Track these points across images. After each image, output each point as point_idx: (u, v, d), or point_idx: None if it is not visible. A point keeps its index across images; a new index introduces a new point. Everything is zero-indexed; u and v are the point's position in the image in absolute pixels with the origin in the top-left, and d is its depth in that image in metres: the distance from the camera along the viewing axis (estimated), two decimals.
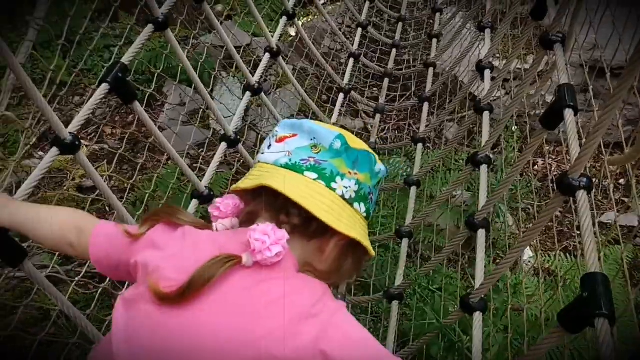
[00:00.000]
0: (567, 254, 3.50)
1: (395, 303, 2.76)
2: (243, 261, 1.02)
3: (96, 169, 1.89)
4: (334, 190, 1.11)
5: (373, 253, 1.17)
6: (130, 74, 2.02)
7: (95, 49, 4.91)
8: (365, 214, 1.17)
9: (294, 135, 1.15)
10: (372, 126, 4.14)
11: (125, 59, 2.01)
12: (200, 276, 0.99)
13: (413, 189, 3.27)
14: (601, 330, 1.12)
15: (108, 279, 2.25)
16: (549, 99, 3.25)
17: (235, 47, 2.91)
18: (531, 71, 2.17)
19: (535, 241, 3.32)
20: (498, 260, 3.26)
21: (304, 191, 1.07)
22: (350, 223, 1.10)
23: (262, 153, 1.17)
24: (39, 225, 1.27)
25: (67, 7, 2.18)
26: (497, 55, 4.08)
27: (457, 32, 4.05)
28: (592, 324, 1.16)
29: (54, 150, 1.70)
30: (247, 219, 1.16)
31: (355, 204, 1.14)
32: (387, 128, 4.48)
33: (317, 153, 1.12)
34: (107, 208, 3.37)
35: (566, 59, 1.89)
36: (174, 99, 4.58)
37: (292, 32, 5.27)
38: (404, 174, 3.68)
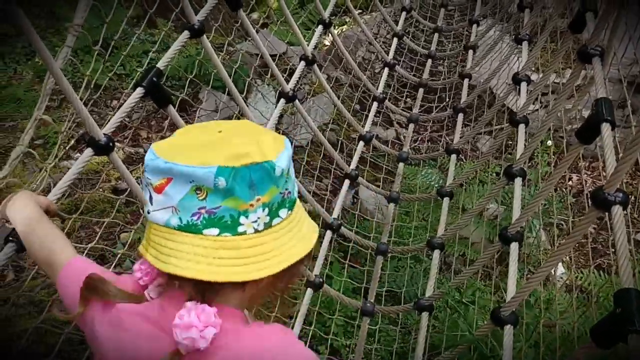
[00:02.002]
0: (601, 271, 3.43)
1: (425, 314, 2.75)
2: (182, 352, 0.97)
3: (132, 172, 1.93)
4: (243, 233, 0.97)
5: (312, 239, 1.05)
6: (166, 79, 2.06)
7: (134, 54, 5.01)
8: (289, 212, 1.04)
9: (169, 180, 0.96)
10: (404, 136, 4.13)
11: (160, 64, 2.05)
12: None
13: (446, 201, 3.26)
14: (634, 346, 1.10)
15: None
16: (586, 113, 3.20)
17: (271, 55, 2.94)
18: (568, 85, 2.14)
19: (568, 257, 3.27)
20: (529, 276, 3.22)
21: (211, 258, 0.96)
22: (277, 251, 0.99)
23: (148, 211, 1.01)
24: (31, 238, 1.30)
25: (105, 13, 2.23)
26: (534, 69, 4.03)
27: (493, 44, 4.03)
28: (624, 339, 1.14)
29: (89, 151, 1.74)
30: (171, 283, 1.04)
31: (275, 220, 1.00)
32: (420, 138, 4.46)
33: (204, 199, 0.95)
34: (141, 210, 3.42)
35: (604, 73, 1.87)
36: (209, 105, 4.63)
37: (327, 41, 5.29)
38: (437, 185, 3.65)
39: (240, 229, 0.96)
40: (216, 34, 4.32)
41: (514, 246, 2.23)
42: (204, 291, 0.98)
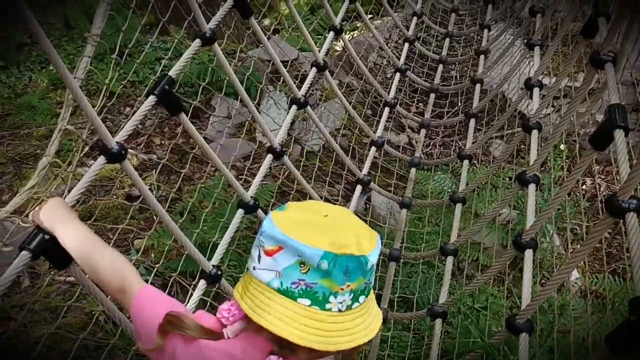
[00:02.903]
0: (616, 277, 3.40)
1: (438, 321, 2.74)
2: None
3: (145, 178, 1.94)
4: (329, 310, 1.13)
5: (376, 331, 1.20)
6: (179, 86, 2.07)
7: (147, 61, 5.04)
8: (365, 299, 1.19)
9: (280, 248, 1.13)
10: (416, 141, 4.12)
11: (172, 72, 2.06)
12: None
13: (458, 206, 3.25)
14: None
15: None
16: (599, 117, 3.18)
17: (282, 62, 2.95)
18: (581, 90, 2.13)
19: (583, 262, 3.25)
20: (544, 281, 3.20)
21: (299, 323, 1.11)
22: (350, 331, 1.14)
23: (254, 267, 1.18)
24: (97, 264, 1.38)
25: (120, 21, 2.25)
26: (547, 73, 4.01)
27: (505, 49, 4.01)
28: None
29: (101, 159, 1.76)
30: (253, 328, 1.20)
31: (355, 304, 1.16)
32: (432, 144, 4.45)
33: (305, 273, 1.12)
34: (155, 217, 3.44)
35: (617, 78, 1.86)
36: (221, 111, 4.65)
37: (338, 46, 5.30)
38: (449, 190, 3.64)
39: (327, 305, 1.12)
40: (228, 40, 4.34)
41: (528, 253, 2.22)
42: (285, 348, 1.15)
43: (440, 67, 4.48)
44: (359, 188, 3.34)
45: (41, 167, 1.84)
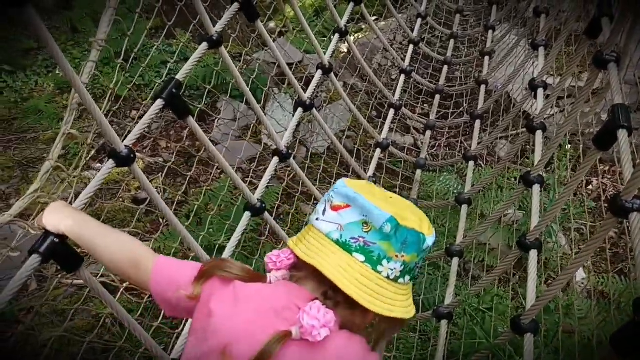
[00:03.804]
0: (623, 277, 3.39)
1: (444, 322, 2.74)
2: (292, 335, 1.13)
3: (151, 181, 1.95)
4: (379, 272, 1.17)
5: (411, 316, 1.23)
6: (184, 89, 2.09)
7: (152, 65, 5.06)
8: (410, 281, 1.24)
9: (348, 206, 1.19)
10: (422, 142, 4.13)
11: (179, 76, 2.08)
12: (263, 353, 1.11)
13: (464, 207, 3.25)
14: None
15: None
16: (604, 117, 3.18)
17: (287, 64, 2.96)
18: (585, 90, 2.14)
19: (588, 262, 3.25)
20: (550, 281, 3.20)
21: (350, 275, 1.15)
22: (391, 301, 1.18)
23: (317, 218, 1.23)
24: (104, 248, 1.37)
25: (126, 25, 2.27)
26: (552, 73, 4.01)
27: (510, 49, 4.02)
28: None
29: (110, 163, 1.77)
30: (297, 278, 1.26)
31: (400, 279, 1.20)
32: (438, 145, 4.46)
33: (367, 232, 1.16)
34: (161, 220, 3.45)
35: (620, 78, 1.86)
36: (227, 114, 4.67)
37: (343, 48, 5.31)
38: (455, 191, 3.65)
39: (379, 268, 1.17)
40: (233, 43, 4.36)
41: (533, 254, 2.22)
42: (330, 299, 1.19)
43: (445, 68, 4.48)
44: None
45: (44, 170, 1.86)
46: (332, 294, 1.18)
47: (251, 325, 1.16)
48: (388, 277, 1.18)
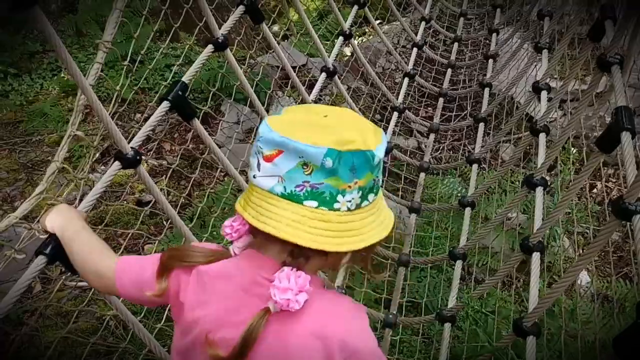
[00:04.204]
0: (627, 280, 3.39)
1: (447, 325, 2.74)
2: (271, 311, 1.08)
3: (156, 183, 1.96)
4: (337, 209, 1.07)
5: (389, 230, 1.15)
6: (189, 93, 2.10)
7: (157, 68, 5.08)
8: (375, 197, 1.14)
9: (280, 152, 1.06)
10: (426, 145, 4.13)
11: (185, 78, 2.09)
12: (249, 336, 1.08)
13: (467, 210, 3.25)
14: None
15: None
16: (608, 120, 3.19)
17: (291, 67, 2.97)
18: (588, 93, 2.14)
19: (592, 266, 3.24)
20: (553, 285, 3.19)
21: (308, 226, 1.06)
22: (360, 231, 1.10)
23: (254, 176, 1.11)
24: (76, 255, 1.36)
25: (132, 28, 2.28)
26: (555, 76, 4.01)
27: (513, 52, 4.02)
28: None
29: (116, 165, 1.78)
30: (259, 244, 1.17)
31: (363, 203, 1.11)
32: (441, 148, 4.46)
33: (309, 174, 1.05)
34: (165, 222, 3.46)
35: (624, 80, 1.86)
36: (231, 117, 4.67)
37: (347, 51, 5.32)
38: (459, 194, 3.65)
39: (336, 205, 1.07)
40: (237, 46, 4.37)
41: (536, 256, 2.22)
42: (298, 257, 1.10)
43: (449, 71, 4.49)
44: None
45: (50, 172, 1.86)
46: (298, 251, 1.09)
47: (224, 311, 1.13)
48: (349, 209, 1.08)
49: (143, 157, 1.87)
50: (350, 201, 1.08)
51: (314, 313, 1.10)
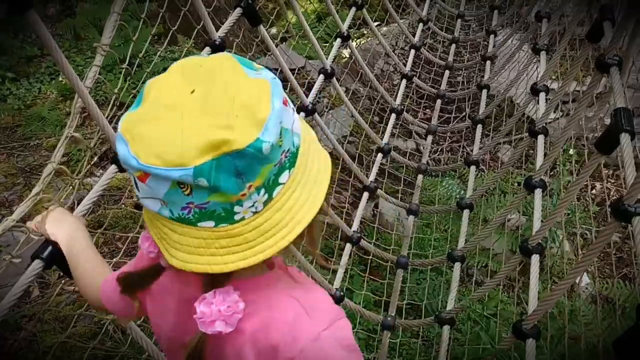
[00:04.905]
0: (627, 282, 3.38)
1: (446, 327, 2.73)
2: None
3: None
4: (241, 220, 0.89)
5: (326, 186, 0.95)
6: None
7: (155, 71, 5.07)
8: (290, 172, 0.92)
9: (147, 174, 0.85)
10: (424, 147, 4.13)
11: None
12: (194, 351, 0.98)
13: (465, 212, 3.24)
14: None
15: None
16: (608, 121, 3.18)
17: (290, 69, 2.96)
18: (587, 94, 2.13)
19: (592, 267, 3.24)
20: (553, 287, 3.19)
21: (214, 248, 0.90)
22: (284, 223, 0.91)
23: (138, 197, 0.92)
24: (77, 280, 1.36)
25: (130, 32, 2.28)
26: (555, 78, 4.01)
27: (511, 54, 4.02)
28: None
29: (113, 168, 1.77)
30: None
31: (275, 191, 0.90)
32: (440, 150, 4.46)
33: (189, 195, 0.85)
34: None
35: (623, 81, 1.86)
36: None
37: (345, 53, 5.32)
38: (457, 196, 3.64)
39: (237, 217, 0.88)
40: (235, 49, 4.36)
41: (535, 258, 2.21)
42: (218, 276, 0.92)
43: (447, 73, 4.49)
44: (365, 195, 3.34)
45: (46, 173, 1.85)
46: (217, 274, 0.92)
47: (178, 320, 1.07)
48: (257, 211, 0.89)
49: None
50: (253, 204, 0.88)
51: (248, 332, 0.97)
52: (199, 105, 0.84)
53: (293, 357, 0.94)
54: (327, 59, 3.20)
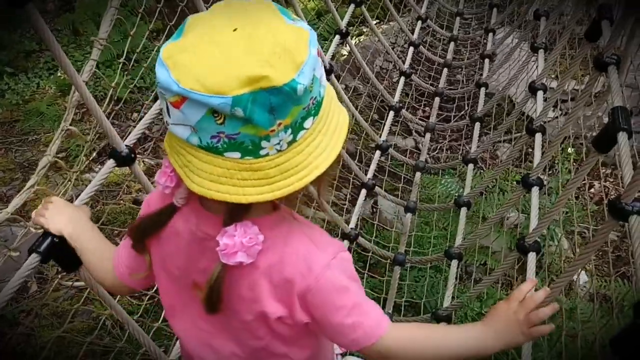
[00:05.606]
0: (625, 280, 3.39)
1: (442, 325, 2.73)
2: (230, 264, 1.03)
3: (152, 183, 1.95)
4: (266, 155, 0.93)
5: (342, 142, 1.02)
6: None
7: (153, 67, 5.05)
8: (314, 120, 0.98)
9: (184, 99, 0.89)
10: (422, 145, 4.13)
11: None
12: (214, 287, 1.06)
13: (463, 210, 3.24)
14: None
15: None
16: (606, 120, 3.18)
17: None
18: (585, 93, 2.14)
19: (590, 266, 3.24)
20: (550, 285, 3.19)
21: (237, 179, 0.93)
22: (302, 165, 0.96)
23: (167, 123, 0.97)
24: (88, 263, 1.40)
25: (128, 27, 2.27)
26: (553, 76, 4.02)
27: (510, 52, 4.02)
28: None
29: (111, 162, 1.78)
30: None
31: (299, 134, 0.95)
32: (439, 147, 4.46)
33: (222, 124, 0.89)
34: None
35: (621, 80, 1.86)
36: None
37: (345, 50, 5.31)
38: (456, 194, 3.64)
39: (262, 152, 0.93)
40: None
41: (532, 256, 2.21)
42: (238, 210, 1.00)
43: (445, 70, 4.49)
44: (363, 192, 3.35)
45: (42, 165, 1.85)
46: (234, 205, 0.96)
47: (188, 260, 1.13)
48: (280, 150, 0.94)
49: (139, 156, 1.87)
50: (279, 143, 0.93)
51: (269, 261, 1.05)
52: (242, 42, 0.89)
53: (309, 285, 1.05)
54: (325, 55, 3.20)
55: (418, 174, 3.72)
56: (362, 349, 1.12)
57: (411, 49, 4.40)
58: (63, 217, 1.39)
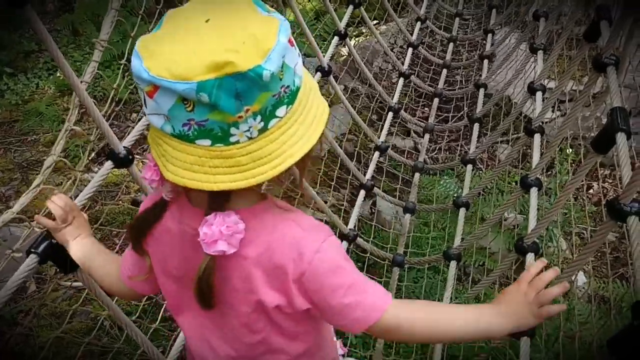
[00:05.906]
0: (623, 281, 3.39)
1: None
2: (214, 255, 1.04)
3: None
4: (236, 143, 0.94)
5: (321, 129, 1.04)
6: None
7: None
8: (288, 109, 0.98)
9: (156, 88, 0.91)
10: (421, 145, 4.13)
11: None
12: (204, 279, 1.06)
13: (462, 211, 3.24)
14: None
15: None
16: (605, 121, 3.18)
17: None
18: (584, 94, 2.14)
19: (589, 267, 3.25)
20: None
21: (208, 167, 0.95)
22: (277, 153, 0.97)
23: (144, 113, 1.00)
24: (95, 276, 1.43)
25: (128, 28, 2.28)
26: (552, 77, 4.01)
27: (509, 52, 4.02)
28: None
29: (109, 164, 1.78)
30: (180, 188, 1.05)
31: (271, 123, 0.96)
32: (438, 148, 4.46)
33: (191, 111, 0.91)
34: None
35: (620, 81, 1.86)
36: None
37: (344, 51, 5.32)
38: (454, 195, 3.65)
39: (232, 139, 0.94)
40: None
41: (530, 257, 2.21)
42: (217, 200, 1.01)
43: (444, 71, 4.49)
44: (362, 193, 3.35)
45: (47, 165, 1.86)
46: (214, 193, 0.98)
47: (183, 258, 1.14)
48: (251, 137, 0.95)
49: (138, 157, 1.87)
50: (248, 130, 0.94)
51: (256, 251, 1.06)
52: (214, 32, 0.92)
53: (303, 270, 1.06)
54: (324, 56, 3.20)
55: (417, 175, 3.72)
56: (367, 328, 1.12)
57: (410, 49, 4.41)
58: (76, 247, 1.41)
